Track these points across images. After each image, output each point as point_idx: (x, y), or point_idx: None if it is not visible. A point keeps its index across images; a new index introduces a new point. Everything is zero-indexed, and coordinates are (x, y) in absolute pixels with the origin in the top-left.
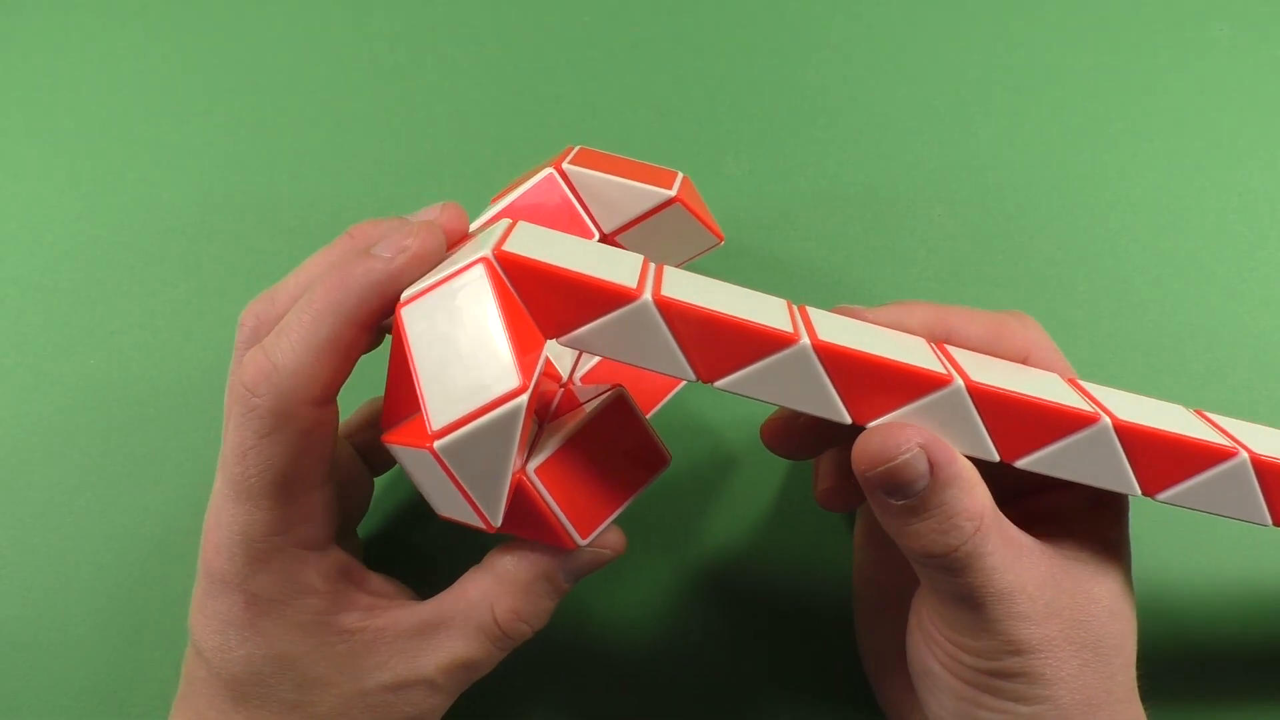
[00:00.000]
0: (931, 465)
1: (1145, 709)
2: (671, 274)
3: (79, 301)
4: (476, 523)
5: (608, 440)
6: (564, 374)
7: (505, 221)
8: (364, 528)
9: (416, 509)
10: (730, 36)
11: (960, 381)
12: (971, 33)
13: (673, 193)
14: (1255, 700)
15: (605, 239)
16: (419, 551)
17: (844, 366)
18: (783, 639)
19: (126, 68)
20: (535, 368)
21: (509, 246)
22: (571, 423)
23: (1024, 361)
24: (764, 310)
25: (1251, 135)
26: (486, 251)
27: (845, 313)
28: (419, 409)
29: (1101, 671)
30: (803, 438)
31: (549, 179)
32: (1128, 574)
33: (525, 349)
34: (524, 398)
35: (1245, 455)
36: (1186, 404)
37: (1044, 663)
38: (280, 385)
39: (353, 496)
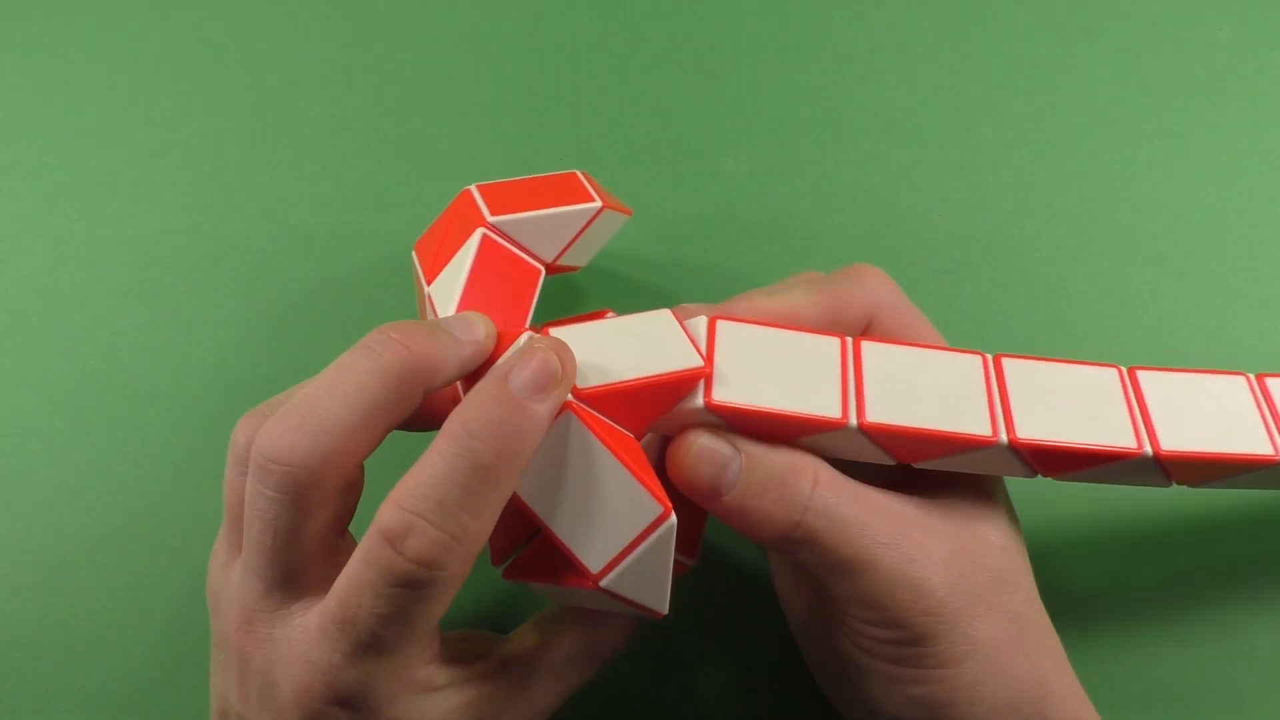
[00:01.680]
0: (737, 448)
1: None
2: (722, 332)
3: (79, 301)
4: (642, 615)
5: None
6: None
7: (530, 338)
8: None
9: None
10: (730, 37)
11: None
12: (971, 33)
13: (599, 203)
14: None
15: (551, 268)
16: None
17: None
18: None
19: (125, 68)
20: (658, 478)
21: (581, 382)
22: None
23: (868, 325)
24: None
25: (1251, 135)
26: (567, 397)
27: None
28: (556, 548)
29: (1008, 610)
30: None
31: (486, 242)
32: (1010, 509)
33: (643, 468)
34: (673, 518)
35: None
36: None
37: (958, 612)
38: (463, 556)
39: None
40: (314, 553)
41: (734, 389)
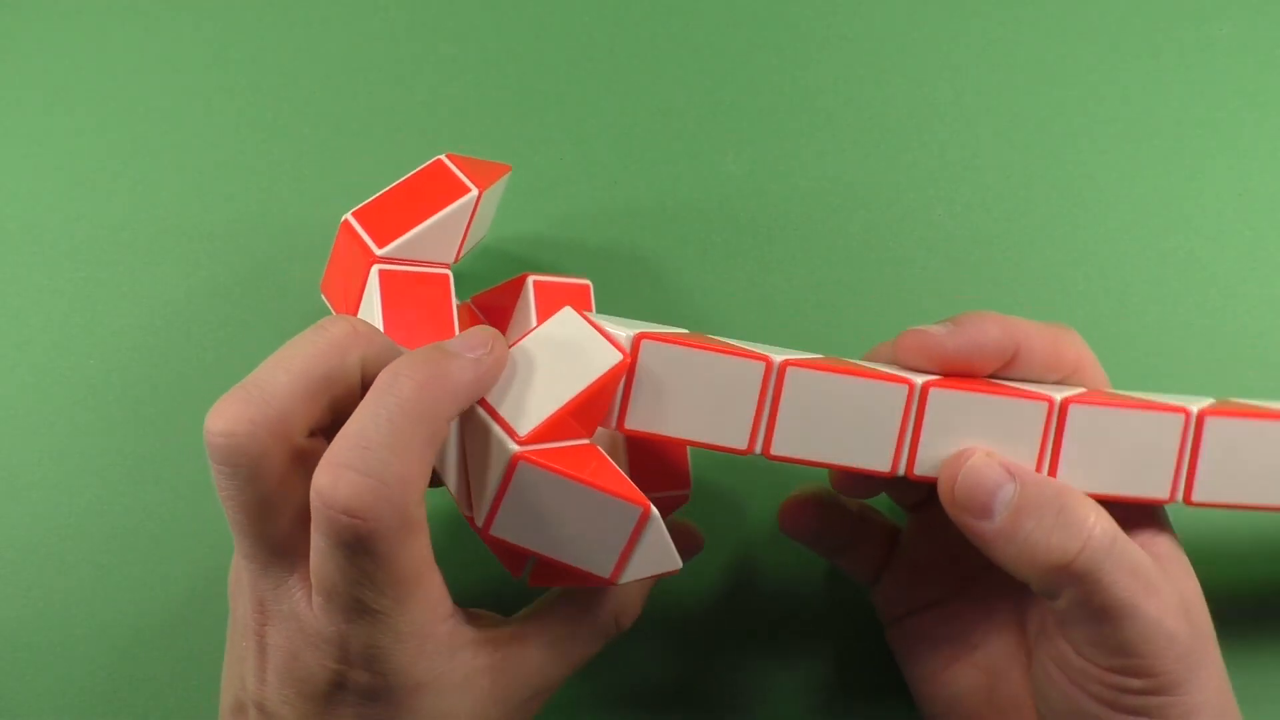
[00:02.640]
0: (1010, 470)
1: None
2: (645, 351)
3: (79, 301)
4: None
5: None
6: None
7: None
8: None
9: None
10: (730, 36)
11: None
12: (971, 32)
13: (474, 191)
14: None
15: (456, 260)
16: None
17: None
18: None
19: (126, 68)
20: (625, 472)
21: (519, 427)
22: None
23: (1075, 372)
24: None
25: (1251, 135)
26: (514, 449)
27: (918, 339)
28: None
29: (1218, 652)
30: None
31: (385, 276)
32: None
33: (609, 477)
34: (654, 511)
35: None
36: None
37: (1197, 659)
38: (394, 500)
39: None
40: (291, 523)
41: (644, 416)
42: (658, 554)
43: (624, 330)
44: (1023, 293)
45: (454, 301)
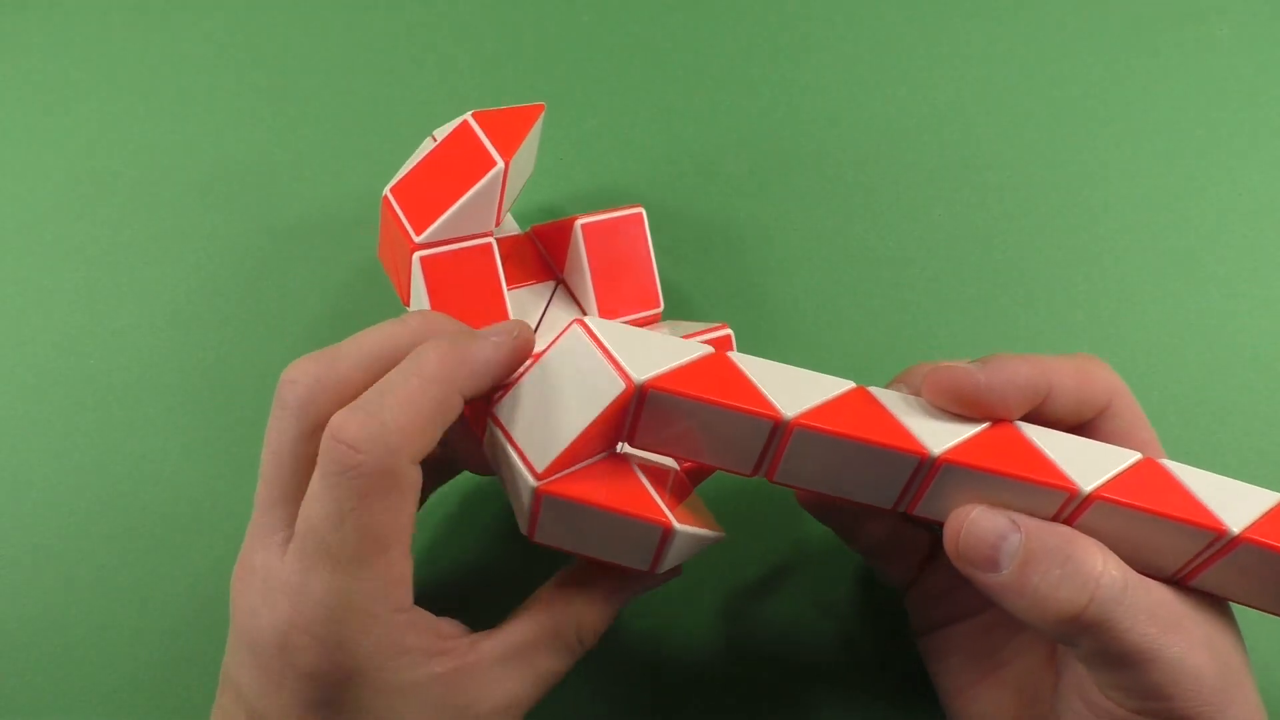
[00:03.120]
0: (1015, 520)
1: None
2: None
3: (79, 301)
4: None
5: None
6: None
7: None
8: None
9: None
10: (730, 37)
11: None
12: (971, 33)
13: (501, 163)
14: None
15: (498, 224)
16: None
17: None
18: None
19: (126, 67)
20: (646, 482)
21: (537, 463)
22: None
23: (1108, 406)
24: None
25: (1251, 135)
26: (534, 484)
27: (947, 377)
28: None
29: (1252, 686)
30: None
31: (427, 263)
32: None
33: (631, 498)
34: (675, 526)
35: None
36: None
37: (1226, 696)
38: (389, 442)
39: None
40: (307, 481)
41: (653, 440)
42: (691, 546)
43: (634, 363)
44: (1023, 293)
45: (500, 272)
